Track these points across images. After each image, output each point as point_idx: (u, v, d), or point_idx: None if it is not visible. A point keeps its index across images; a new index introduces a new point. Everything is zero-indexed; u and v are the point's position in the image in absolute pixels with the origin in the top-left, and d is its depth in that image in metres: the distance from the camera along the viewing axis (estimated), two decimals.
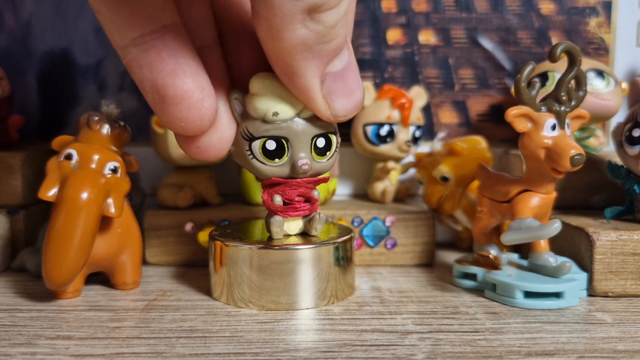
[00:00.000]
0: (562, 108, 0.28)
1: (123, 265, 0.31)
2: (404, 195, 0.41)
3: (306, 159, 0.26)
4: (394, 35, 0.44)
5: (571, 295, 0.28)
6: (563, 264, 0.28)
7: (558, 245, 0.32)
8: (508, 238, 0.28)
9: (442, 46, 0.44)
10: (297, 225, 0.29)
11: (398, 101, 0.39)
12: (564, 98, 0.28)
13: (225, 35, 0.26)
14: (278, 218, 0.28)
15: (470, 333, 0.25)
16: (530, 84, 0.28)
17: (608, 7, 0.44)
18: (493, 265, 0.30)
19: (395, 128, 0.39)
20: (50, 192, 0.27)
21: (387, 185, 0.40)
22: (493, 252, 0.31)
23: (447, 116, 0.45)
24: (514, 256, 0.32)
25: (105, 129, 0.29)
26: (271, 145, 0.26)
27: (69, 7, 0.44)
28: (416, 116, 0.40)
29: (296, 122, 0.26)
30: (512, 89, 0.36)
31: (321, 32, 0.21)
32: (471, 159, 0.36)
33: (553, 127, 0.28)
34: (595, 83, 0.36)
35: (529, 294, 0.28)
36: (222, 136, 0.25)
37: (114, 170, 0.29)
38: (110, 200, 0.28)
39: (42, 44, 0.44)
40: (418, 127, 0.40)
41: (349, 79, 0.24)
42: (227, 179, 0.43)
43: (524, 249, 0.34)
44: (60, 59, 0.44)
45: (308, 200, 0.28)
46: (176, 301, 0.29)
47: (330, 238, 0.29)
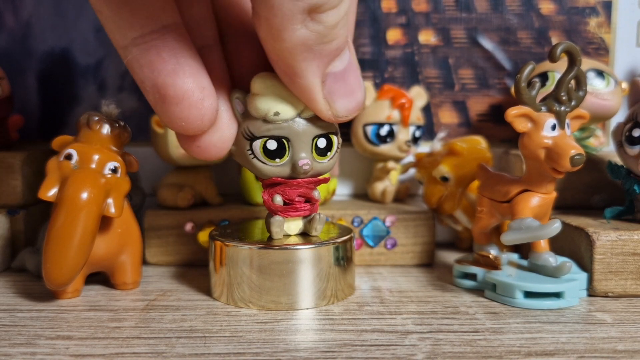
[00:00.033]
0: (562, 108, 0.28)
1: (123, 265, 0.31)
2: (404, 195, 0.41)
3: (307, 159, 0.26)
4: (394, 35, 0.44)
5: (571, 295, 0.28)
6: (563, 264, 0.28)
7: (558, 245, 0.32)
8: (508, 238, 0.28)
9: (442, 46, 0.44)
10: (297, 225, 0.29)
11: (398, 101, 0.39)
12: (564, 98, 0.28)
13: (226, 34, 0.26)
14: (278, 218, 0.28)
15: (470, 333, 0.25)
16: (530, 84, 0.28)
17: (608, 7, 0.44)
18: (493, 265, 0.30)
19: (395, 128, 0.39)
20: (50, 192, 0.27)
21: (387, 185, 0.40)
22: (493, 252, 0.31)
23: (447, 116, 0.45)
24: (514, 256, 0.32)
25: (105, 129, 0.29)
26: (272, 145, 0.26)
27: (69, 7, 0.44)
28: (416, 116, 0.40)
29: (297, 122, 0.26)
30: (512, 89, 0.36)
31: (321, 33, 0.21)
32: (471, 159, 0.36)
33: (553, 127, 0.28)
34: (595, 83, 0.36)
35: (529, 294, 0.28)
36: (223, 136, 0.25)
37: (114, 170, 0.29)
38: (110, 200, 0.28)
39: (42, 44, 0.44)
40: (418, 127, 0.40)
41: (350, 79, 0.24)
42: (227, 179, 0.43)
43: (524, 249, 0.34)
44: (60, 59, 0.44)
45: (308, 200, 0.28)
46: (176, 301, 0.29)
47: (330, 238, 0.29)
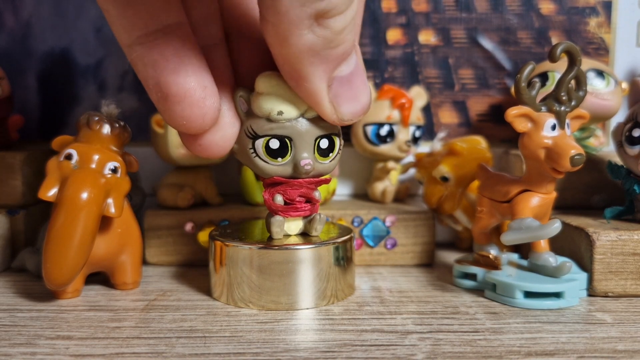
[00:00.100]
0: (562, 108, 0.28)
1: (123, 265, 0.31)
2: (404, 195, 0.41)
3: (309, 159, 0.26)
4: (394, 35, 0.44)
5: (571, 295, 0.28)
6: (563, 264, 0.28)
7: (558, 245, 0.32)
8: (508, 238, 0.28)
9: (442, 46, 0.44)
10: (298, 225, 0.29)
11: (398, 101, 0.39)
12: (564, 98, 0.28)
13: (231, 33, 0.26)
14: (278, 218, 0.28)
15: (470, 333, 0.25)
16: (530, 84, 0.28)
17: (608, 7, 0.44)
18: (493, 265, 0.30)
19: (395, 128, 0.39)
20: (50, 192, 0.27)
21: (387, 185, 0.40)
22: (493, 252, 0.31)
23: (447, 116, 0.45)
24: (514, 256, 0.32)
25: (105, 129, 0.29)
26: (275, 144, 0.26)
27: (69, 7, 0.44)
28: (416, 116, 0.40)
29: (300, 122, 0.26)
30: (512, 89, 0.36)
31: (328, 38, 0.21)
32: (471, 159, 0.36)
33: (553, 127, 0.28)
34: (595, 83, 0.36)
35: (529, 294, 0.28)
36: (225, 135, 0.25)
37: (114, 170, 0.29)
38: (110, 200, 0.28)
39: (42, 44, 0.44)
40: (418, 127, 0.40)
41: (356, 83, 0.24)
42: (227, 179, 0.43)
43: (524, 249, 0.34)
44: (60, 59, 0.44)
45: (309, 200, 0.28)
46: (176, 301, 0.29)
47: (330, 238, 0.29)
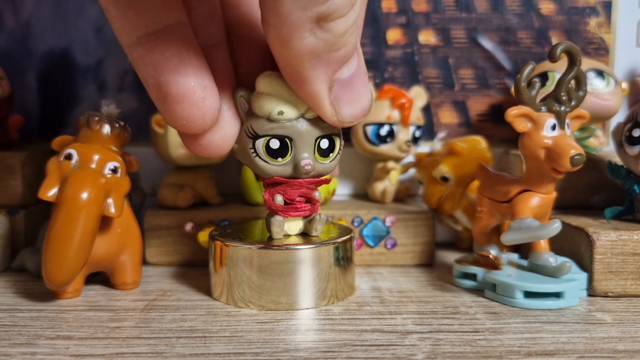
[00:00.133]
0: (562, 108, 0.28)
1: (123, 265, 0.31)
2: (404, 195, 0.41)
3: (309, 160, 0.26)
4: (394, 35, 0.44)
5: (571, 295, 0.28)
6: (563, 264, 0.28)
7: (558, 245, 0.32)
8: (508, 238, 0.28)
9: (442, 46, 0.44)
10: (298, 225, 0.29)
11: (398, 101, 0.39)
12: (564, 98, 0.28)
13: (232, 33, 0.26)
14: (278, 218, 0.28)
15: (470, 333, 0.25)
16: (530, 84, 0.28)
17: (608, 7, 0.44)
18: (493, 265, 0.30)
19: (395, 128, 0.39)
20: (50, 192, 0.27)
21: (387, 185, 0.40)
22: (493, 252, 0.31)
23: (447, 116, 0.45)
24: (514, 256, 0.32)
25: (105, 129, 0.29)
26: (275, 144, 0.26)
27: (69, 7, 0.44)
28: (416, 116, 0.40)
29: (301, 122, 0.26)
30: (512, 89, 0.36)
31: (330, 41, 0.21)
32: (471, 159, 0.36)
33: (553, 127, 0.28)
34: (595, 83, 0.36)
35: (529, 294, 0.28)
36: (225, 134, 0.25)
37: (114, 170, 0.29)
38: (110, 200, 0.28)
39: (42, 44, 0.44)
40: (418, 127, 0.40)
41: (357, 86, 0.24)
42: (227, 179, 0.43)
43: (524, 249, 0.34)
44: (60, 59, 0.44)
45: (309, 200, 0.28)
46: (176, 301, 0.29)
47: (330, 238, 0.29)
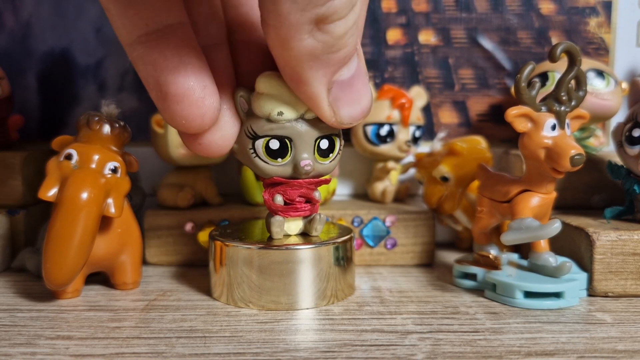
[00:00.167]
0: (562, 108, 0.28)
1: (123, 265, 0.31)
2: (404, 195, 0.41)
3: (309, 160, 0.26)
4: (394, 35, 0.44)
5: (571, 295, 0.28)
6: (563, 264, 0.28)
7: (558, 245, 0.32)
8: (508, 238, 0.28)
9: (442, 46, 0.44)
10: (298, 225, 0.29)
11: (398, 101, 0.39)
12: (564, 98, 0.28)
13: (233, 33, 0.26)
14: (278, 218, 0.28)
15: (470, 333, 0.25)
16: (530, 84, 0.28)
17: (608, 7, 0.44)
18: (493, 265, 0.30)
19: (395, 128, 0.39)
20: (50, 192, 0.27)
21: (387, 185, 0.40)
22: (493, 252, 0.31)
23: (447, 116, 0.45)
24: (514, 256, 0.32)
25: (105, 129, 0.29)
26: (274, 144, 0.26)
27: (69, 7, 0.44)
28: (416, 116, 0.40)
29: (300, 123, 0.26)
30: (512, 89, 0.36)
31: (328, 43, 0.21)
32: (471, 159, 0.36)
33: (553, 127, 0.28)
34: (595, 83, 0.36)
35: (529, 294, 0.28)
36: (224, 134, 0.25)
37: (114, 170, 0.29)
38: (110, 200, 0.28)
39: (42, 44, 0.44)
40: (418, 127, 0.40)
41: (357, 87, 0.24)
42: (227, 179, 0.43)
43: (524, 249, 0.34)
44: (60, 59, 0.44)
45: (309, 200, 0.28)
46: (176, 301, 0.29)
47: (330, 238, 0.29)
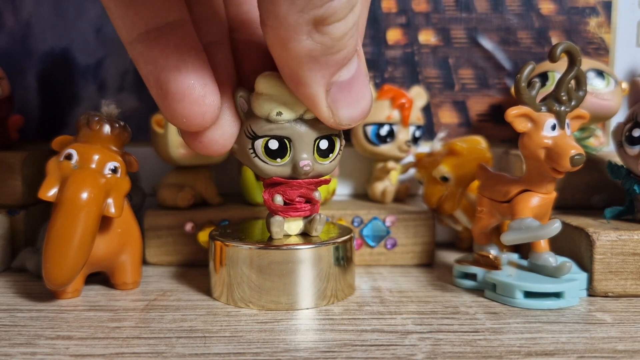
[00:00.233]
0: (562, 108, 0.28)
1: (123, 265, 0.31)
2: (404, 195, 0.41)
3: (308, 160, 0.26)
4: (394, 35, 0.44)
5: (571, 295, 0.28)
6: (563, 264, 0.28)
7: (558, 245, 0.32)
8: (508, 238, 0.28)
9: (442, 46, 0.44)
10: (298, 225, 0.29)
11: (398, 101, 0.39)
12: (564, 98, 0.28)
13: (234, 31, 0.26)
14: (278, 218, 0.28)
15: (470, 333, 0.25)
16: (530, 84, 0.28)
17: (608, 7, 0.44)
18: (493, 265, 0.30)
19: (395, 128, 0.39)
20: (50, 192, 0.27)
21: (387, 185, 0.40)
22: (493, 252, 0.31)
23: (447, 116, 0.45)
24: (514, 256, 0.32)
25: (105, 129, 0.29)
26: (274, 144, 0.26)
27: (69, 7, 0.44)
28: (416, 116, 0.40)
29: (300, 123, 0.26)
30: (512, 89, 0.36)
31: (327, 44, 0.21)
32: (471, 159, 0.36)
33: (553, 127, 0.28)
34: (595, 83, 0.36)
35: (529, 294, 0.28)
36: (225, 133, 0.25)
37: (114, 170, 0.29)
38: (110, 200, 0.28)
39: (42, 44, 0.44)
40: (418, 127, 0.40)
41: (356, 89, 0.24)
42: (227, 179, 0.43)
43: (524, 249, 0.34)
44: (60, 59, 0.44)
45: (309, 201, 0.28)
46: (176, 301, 0.29)
47: (330, 238, 0.29)
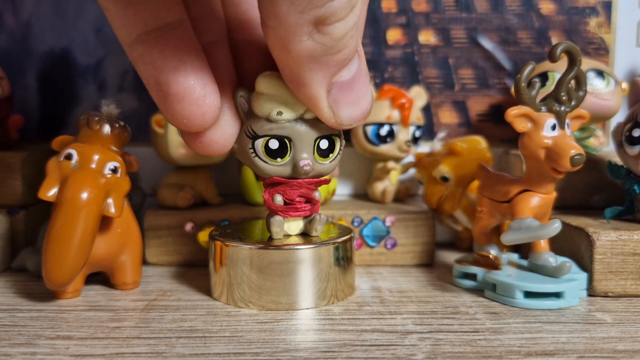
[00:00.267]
0: (562, 108, 0.28)
1: (123, 265, 0.31)
2: (404, 195, 0.41)
3: (308, 160, 0.26)
4: (394, 35, 0.44)
5: (571, 295, 0.28)
6: (563, 264, 0.28)
7: (558, 245, 0.32)
8: (508, 238, 0.28)
9: (442, 46, 0.44)
10: (298, 225, 0.29)
11: (398, 101, 0.39)
12: (564, 98, 0.28)
13: (233, 32, 0.26)
14: (278, 218, 0.28)
15: (470, 333, 0.25)
16: (530, 84, 0.28)
17: (608, 7, 0.44)
18: (493, 265, 0.30)
19: (395, 128, 0.39)
20: (50, 192, 0.27)
21: (387, 185, 0.40)
22: (493, 252, 0.31)
23: (447, 116, 0.45)
24: (514, 256, 0.32)
25: (105, 129, 0.29)
26: (274, 144, 0.26)
27: (69, 7, 0.44)
28: (416, 116, 0.40)
29: (300, 123, 0.26)
30: (512, 89, 0.36)
31: (328, 45, 0.21)
32: (471, 159, 0.36)
33: (553, 127, 0.28)
34: (595, 83, 0.36)
35: (529, 294, 0.28)
36: (225, 133, 0.25)
37: (114, 170, 0.29)
38: (110, 200, 0.28)
39: (42, 44, 0.44)
40: (418, 127, 0.40)
41: (357, 89, 0.24)
42: (227, 179, 0.43)
43: (524, 249, 0.34)
44: (60, 59, 0.44)
45: (309, 201, 0.28)
46: (176, 301, 0.29)
47: (330, 238, 0.29)
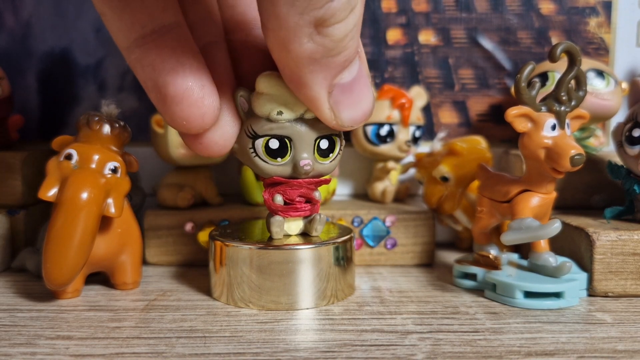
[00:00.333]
0: (562, 108, 0.28)
1: (123, 265, 0.31)
2: (404, 195, 0.41)
3: (308, 160, 0.26)
4: (394, 35, 0.44)
5: (571, 295, 0.28)
6: (563, 264, 0.28)
7: (558, 245, 0.32)
8: (508, 238, 0.28)
9: (442, 46, 0.44)
10: (298, 225, 0.29)
11: (398, 101, 0.39)
12: (564, 98, 0.28)
13: (231, 33, 0.26)
14: (278, 218, 0.28)
15: (470, 333, 0.25)
16: (530, 84, 0.28)
17: (608, 7, 0.44)
18: (493, 265, 0.30)
19: (395, 128, 0.39)
20: (50, 192, 0.27)
21: (387, 185, 0.40)
22: (493, 252, 0.31)
23: (447, 116, 0.45)
24: (514, 256, 0.32)
25: (105, 129, 0.29)
26: (274, 144, 0.26)
27: (69, 7, 0.44)
28: (416, 116, 0.40)
29: (300, 123, 0.26)
30: (512, 89, 0.36)
31: (328, 46, 0.21)
32: (471, 159, 0.36)
33: (553, 127, 0.28)
34: (595, 83, 0.36)
35: (529, 294, 0.28)
36: (225, 134, 0.25)
37: (114, 170, 0.29)
38: (110, 200, 0.28)
39: (42, 44, 0.44)
40: (418, 127, 0.40)
41: (358, 90, 0.24)
42: (227, 179, 0.43)
43: (524, 249, 0.34)
44: (60, 59, 0.44)
45: (309, 200, 0.28)
46: (176, 301, 0.29)
47: (330, 238, 0.29)
